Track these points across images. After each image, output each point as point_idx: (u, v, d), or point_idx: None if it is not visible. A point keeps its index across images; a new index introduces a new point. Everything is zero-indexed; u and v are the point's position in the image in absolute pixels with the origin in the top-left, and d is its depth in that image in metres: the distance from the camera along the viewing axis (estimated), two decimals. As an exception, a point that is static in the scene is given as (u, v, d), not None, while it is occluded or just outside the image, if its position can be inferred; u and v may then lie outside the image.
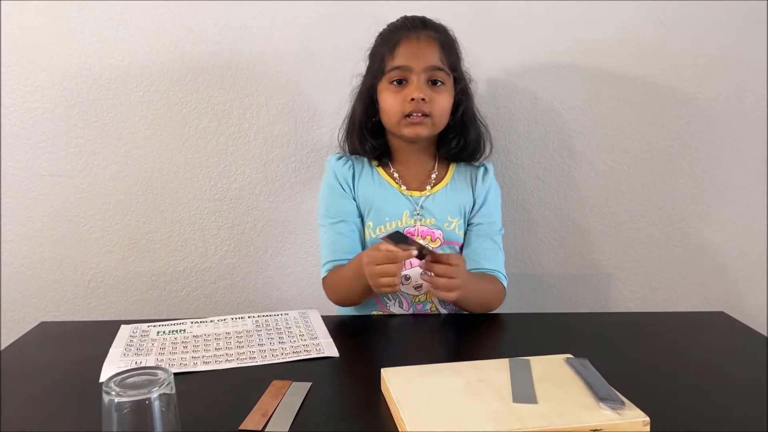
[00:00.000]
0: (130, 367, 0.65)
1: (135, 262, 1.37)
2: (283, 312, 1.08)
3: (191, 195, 1.35)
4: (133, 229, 1.35)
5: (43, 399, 0.77)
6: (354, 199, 1.13)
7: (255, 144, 1.33)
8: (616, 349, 0.93)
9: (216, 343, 0.94)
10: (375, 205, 1.11)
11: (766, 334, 1.00)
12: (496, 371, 0.77)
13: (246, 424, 0.68)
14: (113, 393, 0.58)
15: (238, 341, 0.95)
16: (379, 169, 1.15)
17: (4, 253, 1.34)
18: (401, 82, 1.05)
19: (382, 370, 0.77)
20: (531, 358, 0.80)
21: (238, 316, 1.06)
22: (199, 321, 1.04)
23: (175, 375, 0.63)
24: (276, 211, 1.37)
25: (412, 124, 1.05)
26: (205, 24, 1.26)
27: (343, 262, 1.08)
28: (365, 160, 1.16)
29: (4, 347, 0.94)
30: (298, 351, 0.90)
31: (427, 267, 0.96)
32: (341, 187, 1.12)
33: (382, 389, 0.76)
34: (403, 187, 1.12)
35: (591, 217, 1.40)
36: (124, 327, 1.00)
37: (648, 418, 0.66)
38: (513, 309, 1.21)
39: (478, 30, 1.28)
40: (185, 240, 1.37)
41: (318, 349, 0.91)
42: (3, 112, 1.27)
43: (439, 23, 1.09)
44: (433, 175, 1.14)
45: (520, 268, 1.40)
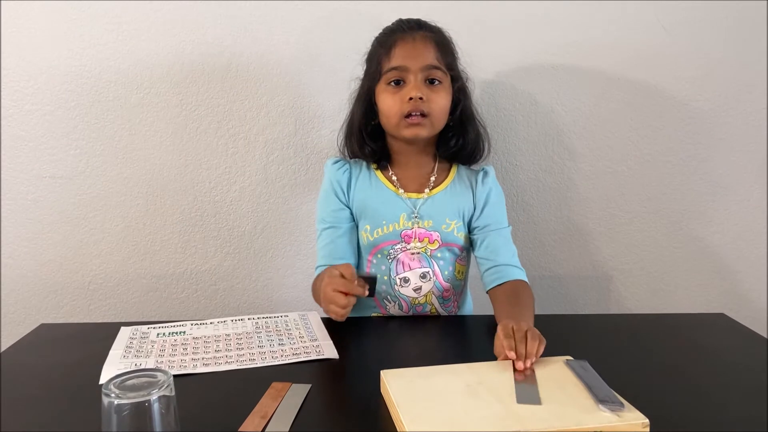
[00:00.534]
0: (129, 369, 0.65)
1: (135, 263, 1.37)
2: (283, 314, 1.09)
3: (191, 197, 1.35)
4: (134, 231, 1.35)
5: (43, 401, 0.77)
6: (347, 204, 1.13)
7: (255, 146, 1.33)
8: (615, 351, 0.93)
9: (216, 345, 0.94)
10: (371, 209, 1.11)
11: (766, 335, 1.00)
12: (496, 373, 0.77)
13: (245, 426, 0.68)
14: (113, 395, 0.58)
15: (238, 343, 0.95)
16: (378, 172, 1.14)
17: (5, 254, 1.34)
18: (399, 83, 1.05)
19: (382, 372, 0.77)
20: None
21: (238, 318, 1.06)
22: (199, 323, 1.04)
23: (175, 377, 0.63)
24: (276, 213, 1.37)
25: (411, 125, 1.05)
26: (206, 26, 1.26)
27: None
28: (364, 164, 1.16)
29: (4, 349, 0.94)
30: (298, 353, 0.90)
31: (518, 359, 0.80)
32: (334, 193, 1.13)
33: (382, 391, 0.76)
34: (401, 190, 1.12)
35: (591, 219, 1.40)
36: (124, 329, 1.00)
37: (647, 420, 0.66)
38: (513, 311, 1.21)
39: (478, 32, 1.28)
40: (185, 242, 1.37)
41: (318, 351, 0.91)
42: (3, 113, 1.27)
43: (435, 24, 1.09)
44: (433, 178, 1.13)
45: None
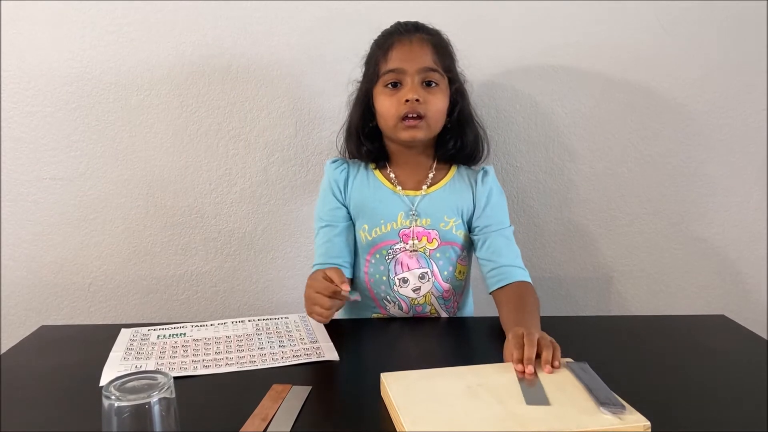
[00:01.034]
0: (130, 371, 0.65)
1: (136, 265, 1.37)
2: (284, 316, 1.09)
3: (192, 198, 1.35)
4: (134, 233, 1.35)
5: (44, 403, 0.77)
6: (344, 203, 1.13)
7: (255, 147, 1.33)
8: (616, 352, 0.93)
9: (216, 347, 0.94)
10: (369, 208, 1.11)
11: (766, 337, 1.00)
12: (497, 375, 0.77)
13: (246, 428, 0.68)
14: (113, 397, 0.58)
15: (239, 345, 0.95)
16: (376, 171, 1.15)
17: (5, 256, 1.34)
18: (396, 85, 1.05)
19: (382, 375, 0.77)
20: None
21: (238, 320, 1.06)
22: (199, 325, 1.04)
23: (175, 379, 0.63)
24: (277, 214, 1.37)
25: (408, 128, 1.05)
26: (206, 28, 1.26)
27: (326, 266, 1.07)
28: (362, 164, 1.16)
29: (4, 351, 0.94)
30: (299, 355, 0.90)
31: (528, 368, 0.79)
32: (331, 191, 1.13)
33: (382, 393, 0.76)
34: (398, 188, 1.12)
35: (591, 220, 1.40)
36: (124, 331, 1.00)
37: (649, 423, 0.66)
38: (513, 312, 1.21)
39: (478, 33, 1.28)
40: (186, 243, 1.37)
41: (318, 352, 0.91)
42: (3, 115, 1.28)
43: (433, 27, 1.10)
44: (431, 175, 1.13)
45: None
